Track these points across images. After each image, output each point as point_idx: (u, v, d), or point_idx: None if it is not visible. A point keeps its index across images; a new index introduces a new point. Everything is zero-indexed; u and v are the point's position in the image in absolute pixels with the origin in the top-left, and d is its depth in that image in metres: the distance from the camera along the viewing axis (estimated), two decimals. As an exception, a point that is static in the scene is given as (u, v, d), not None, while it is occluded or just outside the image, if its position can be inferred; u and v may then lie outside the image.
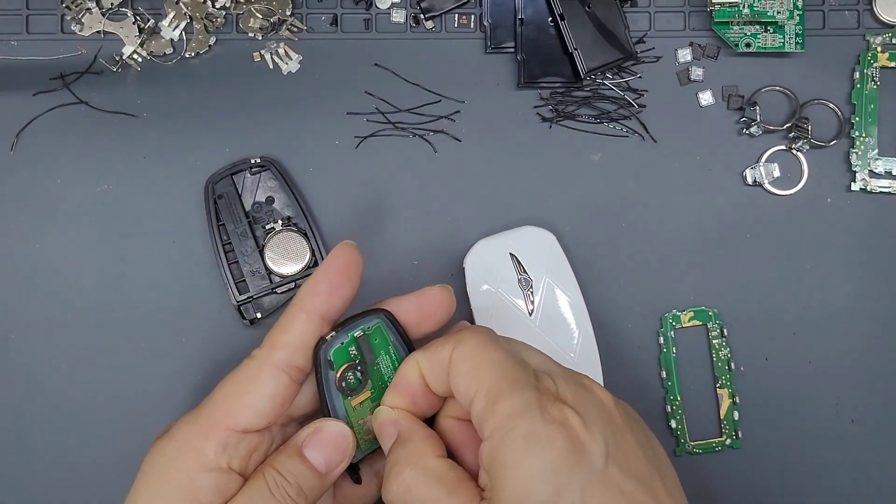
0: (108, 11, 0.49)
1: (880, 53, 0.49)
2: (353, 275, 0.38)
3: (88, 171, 0.49)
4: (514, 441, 0.32)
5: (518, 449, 0.31)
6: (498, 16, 0.50)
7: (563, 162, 0.50)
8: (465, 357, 0.35)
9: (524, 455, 0.31)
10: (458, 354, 0.35)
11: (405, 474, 0.34)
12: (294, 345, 0.37)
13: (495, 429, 0.32)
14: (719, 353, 0.49)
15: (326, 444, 0.37)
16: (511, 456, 0.32)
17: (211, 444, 0.35)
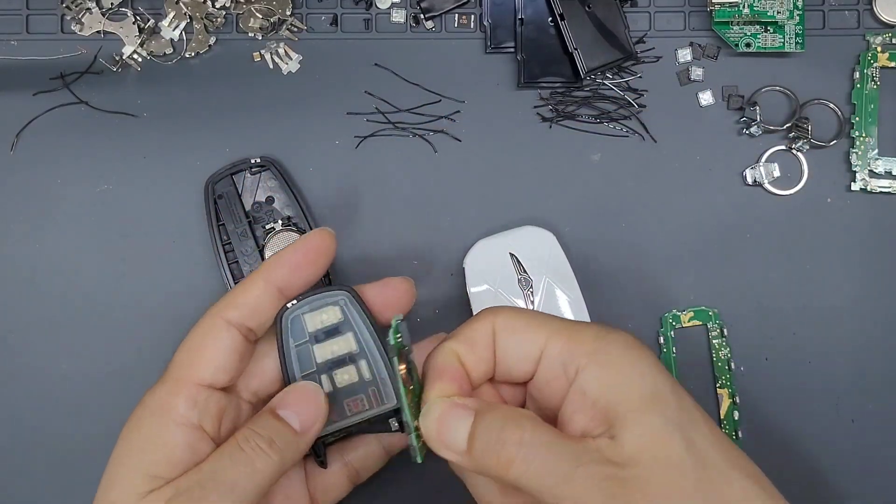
0: (108, 11, 0.49)
1: (880, 53, 0.49)
2: (321, 261, 0.39)
3: (88, 171, 0.49)
4: (619, 351, 0.33)
5: (627, 356, 0.33)
6: (498, 16, 0.50)
7: (563, 162, 0.50)
8: (514, 318, 0.35)
9: (637, 359, 0.33)
10: (503, 320, 0.35)
11: (527, 427, 0.32)
12: (248, 306, 0.37)
13: (592, 351, 0.33)
14: (719, 353, 0.49)
15: (298, 400, 0.37)
16: (625, 364, 0.33)
17: (180, 400, 0.36)
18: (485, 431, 0.33)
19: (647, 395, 0.32)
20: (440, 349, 0.36)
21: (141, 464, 0.35)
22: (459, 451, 0.33)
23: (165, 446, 0.35)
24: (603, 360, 0.33)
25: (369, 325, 0.40)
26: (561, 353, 0.34)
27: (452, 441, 0.33)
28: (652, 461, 0.31)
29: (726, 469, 0.32)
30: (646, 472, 0.31)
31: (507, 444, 0.32)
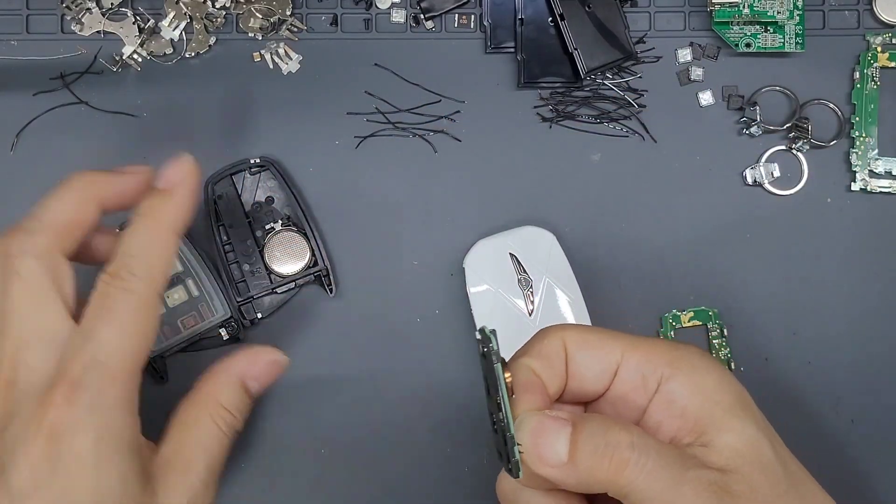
0: (108, 11, 0.49)
1: (880, 53, 0.49)
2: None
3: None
4: (699, 361, 0.33)
5: (708, 365, 0.33)
6: (498, 16, 0.50)
7: (563, 162, 0.50)
8: (585, 332, 0.35)
9: (716, 367, 0.33)
10: (574, 335, 0.35)
11: (635, 432, 0.31)
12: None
13: (674, 361, 0.33)
14: (719, 353, 0.49)
15: (268, 375, 0.39)
16: (711, 372, 0.33)
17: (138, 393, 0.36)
18: (589, 438, 0.31)
19: (735, 403, 0.33)
20: (516, 364, 0.34)
21: None
22: (559, 464, 0.31)
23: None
24: (687, 370, 0.33)
25: (190, 245, 0.44)
26: (640, 365, 0.34)
27: (552, 454, 0.31)
28: (749, 467, 0.31)
29: (805, 478, 0.34)
30: (745, 479, 0.31)
31: (620, 447, 0.31)
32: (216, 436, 0.37)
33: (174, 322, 0.47)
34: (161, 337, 0.47)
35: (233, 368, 0.38)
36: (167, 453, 0.36)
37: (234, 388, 0.37)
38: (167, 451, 0.36)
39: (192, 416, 0.37)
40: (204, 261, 0.48)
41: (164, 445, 0.36)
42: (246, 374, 0.38)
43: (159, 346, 0.47)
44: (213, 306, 0.48)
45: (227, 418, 0.37)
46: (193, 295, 0.48)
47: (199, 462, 0.36)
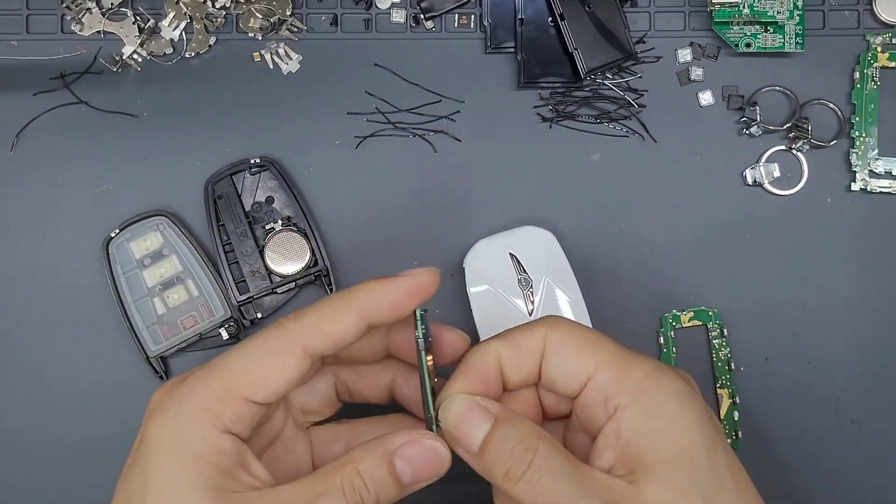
0: (108, 11, 0.49)
1: (880, 53, 0.49)
2: (419, 300, 0.35)
3: (88, 171, 0.49)
4: (664, 399, 0.33)
5: (671, 405, 0.33)
6: (498, 16, 0.50)
7: (563, 162, 0.50)
8: (568, 337, 0.34)
9: (680, 410, 0.33)
10: (557, 337, 0.35)
11: (539, 451, 0.32)
12: (335, 338, 0.34)
13: (637, 392, 0.33)
14: (719, 353, 0.49)
15: (422, 462, 0.34)
16: (667, 413, 0.32)
17: (228, 412, 0.33)
18: (499, 442, 0.33)
19: (679, 451, 0.32)
20: (482, 346, 0.35)
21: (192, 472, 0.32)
22: (471, 452, 0.33)
23: (212, 457, 0.32)
24: (645, 404, 0.33)
25: (190, 245, 0.44)
26: (606, 387, 0.33)
27: (466, 441, 0.33)
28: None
29: None
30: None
31: (521, 461, 0.32)
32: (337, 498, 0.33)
33: (174, 322, 0.47)
34: (161, 337, 0.47)
35: (385, 442, 0.34)
36: (285, 494, 0.33)
37: (379, 459, 0.34)
38: (285, 492, 0.33)
39: (326, 470, 0.34)
40: (204, 261, 0.48)
41: (288, 486, 0.33)
42: (398, 452, 0.34)
43: (159, 346, 0.47)
44: (213, 306, 0.48)
45: (357, 485, 0.33)
46: (193, 295, 0.48)
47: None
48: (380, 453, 0.34)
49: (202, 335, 0.48)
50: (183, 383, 0.34)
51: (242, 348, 0.34)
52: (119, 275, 0.48)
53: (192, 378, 0.34)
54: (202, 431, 0.32)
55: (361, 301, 0.35)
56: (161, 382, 0.48)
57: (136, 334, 0.47)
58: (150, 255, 0.48)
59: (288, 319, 0.35)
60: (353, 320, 0.34)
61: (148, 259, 0.48)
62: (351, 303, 0.35)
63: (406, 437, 0.34)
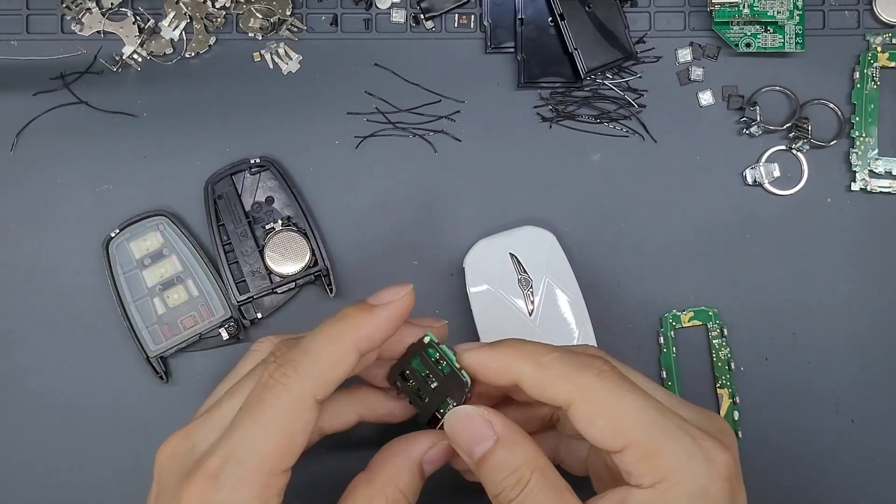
0: (108, 11, 0.49)
1: (880, 53, 0.49)
2: (402, 320, 0.36)
3: (88, 171, 0.49)
4: (680, 495, 0.32)
5: (687, 502, 0.32)
6: (498, 16, 0.50)
7: (563, 162, 0.50)
8: (601, 412, 0.34)
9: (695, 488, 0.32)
10: (586, 407, 0.34)
11: (530, 484, 0.33)
12: (338, 381, 0.34)
13: (658, 482, 0.32)
14: (719, 353, 0.49)
15: (442, 457, 0.37)
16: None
17: (272, 495, 0.33)
18: (495, 466, 0.34)
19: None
20: (509, 353, 0.35)
21: None
22: (470, 458, 0.35)
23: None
24: (660, 496, 0.32)
25: (190, 245, 0.44)
26: (630, 465, 0.33)
27: (467, 450, 0.35)
28: None
29: None
30: None
31: (509, 489, 0.33)
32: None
33: (174, 322, 0.47)
34: (161, 337, 0.47)
35: (413, 451, 0.36)
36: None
37: (413, 472, 0.36)
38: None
39: (368, 497, 0.35)
40: (204, 261, 0.48)
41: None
42: (425, 458, 0.36)
43: (159, 346, 0.47)
44: (213, 306, 0.48)
45: (396, 498, 0.35)
46: (193, 295, 0.48)
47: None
48: (411, 465, 0.35)
49: (202, 335, 0.48)
50: (217, 482, 0.33)
51: (255, 417, 0.34)
52: (119, 275, 0.48)
53: (224, 475, 0.33)
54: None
55: (357, 340, 0.35)
56: (161, 382, 0.48)
57: (136, 334, 0.47)
58: (150, 255, 0.48)
59: (288, 373, 0.34)
60: (352, 360, 0.35)
61: (148, 259, 0.48)
62: (348, 343, 0.34)
63: (427, 441, 0.36)
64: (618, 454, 0.33)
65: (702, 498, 0.32)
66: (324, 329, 0.35)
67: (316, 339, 0.35)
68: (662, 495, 0.32)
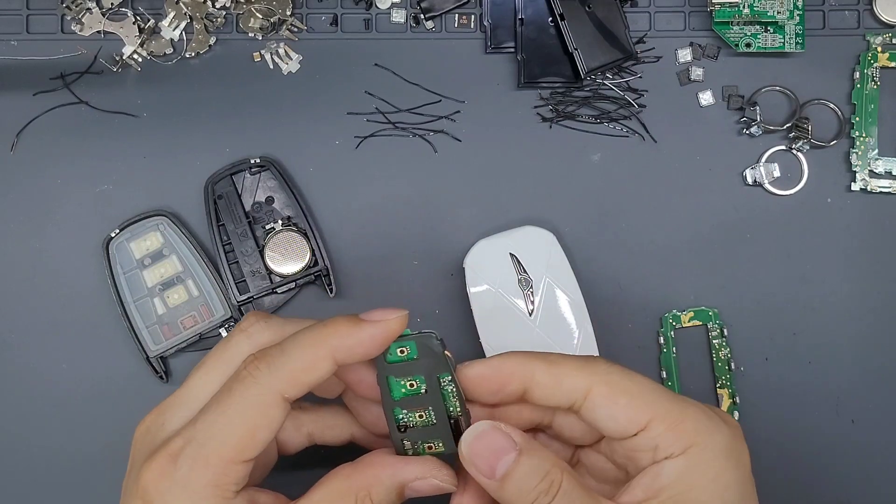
0: (108, 11, 0.49)
1: (880, 53, 0.49)
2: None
3: (88, 171, 0.49)
4: (713, 455, 0.33)
5: (719, 462, 0.33)
6: (498, 16, 0.50)
7: (563, 162, 0.50)
8: (619, 392, 0.34)
9: (726, 467, 0.34)
10: (607, 391, 0.34)
11: (563, 486, 0.33)
12: (310, 385, 0.34)
13: (689, 445, 0.33)
14: (719, 353, 0.49)
15: (428, 490, 0.36)
16: (713, 469, 0.33)
17: (231, 481, 0.33)
18: (524, 475, 0.33)
19: None
20: (517, 358, 0.35)
21: None
22: (492, 480, 0.34)
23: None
24: (695, 458, 0.33)
25: (190, 245, 0.45)
26: (657, 437, 0.34)
27: (488, 470, 0.34)
28: None
29: None
30: None
31: (543, 495, 0.33)
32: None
33: (174, 322, 0.47)
34: (161, 337, 0.47)
35: (402, 474, 0.35)
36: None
37: (392, 490, 0.35)
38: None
39: (340, 491, 0.34)
40: (204, 261, 0.48)
41: (301, 501, 0.35)
42: (409, 486, 0.35)
43: (159, 346, 0.47)
44: (213, 306, 0.48)
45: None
46: (193, 295, 0.48)
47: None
48: (392, 485, 0.35)
49: (202, 335, 0.48)
50: (176, 462, 0.33)
51: (222, 407, 0.34)
52: (119, 275, 0.48)
53: (184, 456, 0.33)
54: None
55: (335, 348, 0.34)
56: (161, 382, 0.48)
57: (136, 334, 0.47)
58: (151, 255, 0.48)
59: (260, 367, 0.34)
60: (327, 368, 0.34)
61: (148, 259, 0.48)
62: (325, 349, 0.34)
63: (418, 471, 0.35)
64: (642, 432, 0.34)
65: (731, 455, 0.34)
66: (307, 331, 0.35)
67: (296, 340, 0.35)
68: (697, 458, 0.33)
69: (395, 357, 0.35)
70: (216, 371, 0.36)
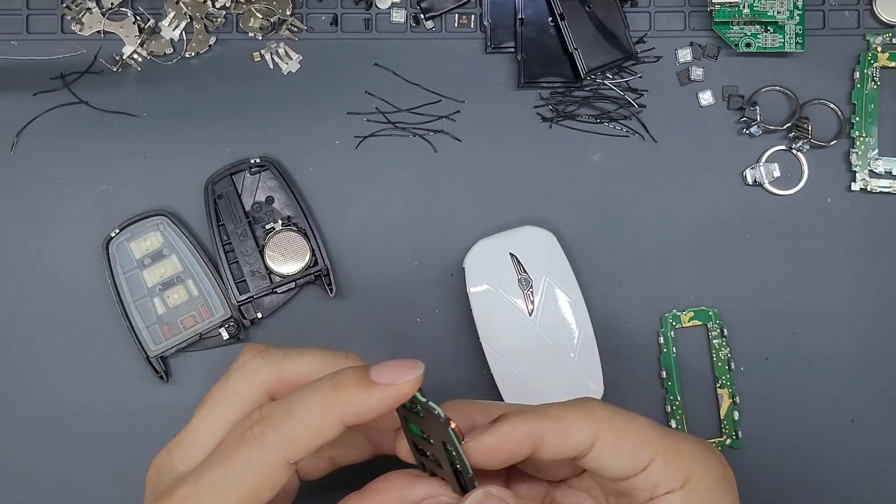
0: (108, 11, 0.49)
1: (880, 53, 0.49)
2: (400, 403, 0.34)
3: (88, 171, 0.49)
4: (709, 484, 0.35)
5: (715, 490, 0.35)
6: (498, 16, 0.50)
7: (563, 162, 0.50)
8: (623, 437, 0.34)
9: (720, 495, 0.35)
10: (612, 438, 0.34)
11: None
12: (318, 447, 0.34)
13: (687, 478, 0.34)
14: (719, 353, 0.49)
15: None
16: (710, 497, 0.35)
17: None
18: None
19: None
20: (525, 418, 0.34)
21: None
22: None
23: None
24: (693, 489, 0.34)
25: (190, 245, 0.45)
26: (659, 474, 0.34)
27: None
28: None
29: None
30: None
31: None
32: None
33: (174, 322, 0.47)
34: (161, 337, 0.47)
35: (411, 494, 0.35)
36: None
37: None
38: None
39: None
40: (204, 261, 0.48)
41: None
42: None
43: (159, 346, 0.47)
44: (213, 306, 0.48)
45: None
46: (193, 295, 0.48)
47: None
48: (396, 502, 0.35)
49: (202, 335, 0.48)
50: None
51: (226, 467, 0.33)
52: (119, 275, 0.48)
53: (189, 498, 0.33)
54: None
55: (344, 414, 0.33)
56: (161, 382, 0.48)
57: (136, 334, 0.47)
58: (150, 255, 0.48)
59: (266, 431, 0.33)
60: (334, 432, 0.33)
61: (148, 259, 0.48)
62: (334, 414, 0.33)
63: (425, 492, 0.35)
64: (644, 471, 0.34)
65: (722, 484, 0.35)
66: (314, 392, 0.34)
67: (303, 402, 0.34)
68: (695, 488, 0.34)
69: (408, 405, 0.34)
70: (217, 412, 0.36)
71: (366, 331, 0.49)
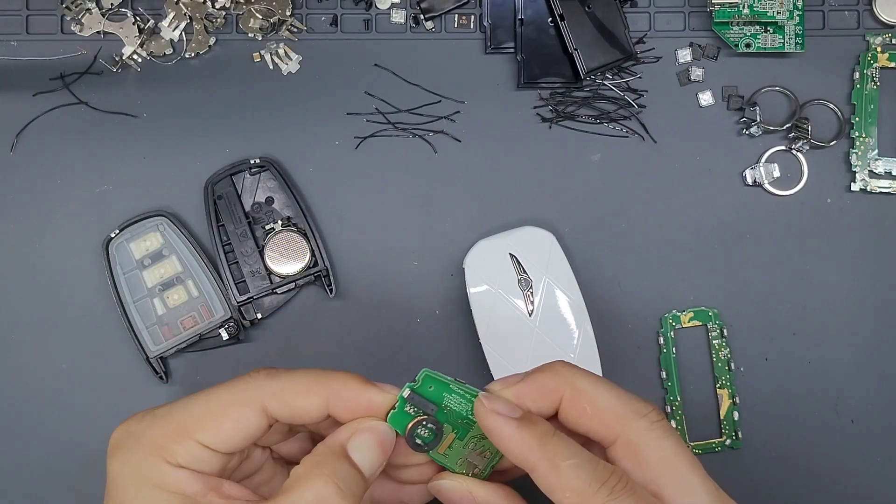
0: (108, 11, 0.49)
1: (880, 54, 0.49)
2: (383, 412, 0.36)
3: (88, 171, 0.49)
4: (661, 433, 0.34)
5: (670, 437, 0.34)
6: (498, 16, 0.50)
7: (563, 162, 0.50)
8: (604, 396, 0.35)
9: (675, 441, 0.35)
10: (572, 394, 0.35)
11: None
12: (294, 412, 0.35)
13: (651, 428, 0.34)
14: (719, 354, 0.49)
15: (372, 446, 0.35)
16: (669, 441, 0.34)
17: (181, 451, 0.34)
18: None
19: None
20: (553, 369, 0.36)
21: (157, 502, 0.33)
22: None
23: (176, 484, 0.33)
24: (660, 436, 0.34)
25: (190, 245, 0.45)
26: (629, 426, 0.34)
27: None
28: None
29: None
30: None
31: None
32: None
33: (174, 322, 0.47)
34: (161, 337, 0.47)
35: (336, 438, 0.35)
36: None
37: (336, 456, 0.34)
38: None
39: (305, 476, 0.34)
40: (204, 261, 0.48)
41: None
42: (351, 445, 0.35)
43: (159, 347, 0.47)
44: (213, 306, 0.48)
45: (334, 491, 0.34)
46: (193, 295, 0.48)
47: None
48: (335, 450, 0.35)
49: (202, 335, 0.48)
50: (142, 420, 0.35)
51: (207, 392, 0.35)
52: (119, 275, 0.48)
53: (150, 416, 0.35)
54: (159, 466, 0.33)
55: (332, 393, 0.34)
56: (161, 383, 0.48)
57: (136, 334, 0.47)
58: (150, 255, 0.48)
59: (261, 374, 0.35)
60: (316, 403, 0.34)
61: (148, 259, 0.48)
62: (322, 388, 0.35)
63: (350, 429, 0.35)
64: (627, 421, 0.35)
65: (672, 433, 0.35)
66: (319, 369, 0.35)
67: (305, 370, 0.35)
68: (658, 435, 0.35)
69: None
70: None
71: (366, 331, 0.49)
